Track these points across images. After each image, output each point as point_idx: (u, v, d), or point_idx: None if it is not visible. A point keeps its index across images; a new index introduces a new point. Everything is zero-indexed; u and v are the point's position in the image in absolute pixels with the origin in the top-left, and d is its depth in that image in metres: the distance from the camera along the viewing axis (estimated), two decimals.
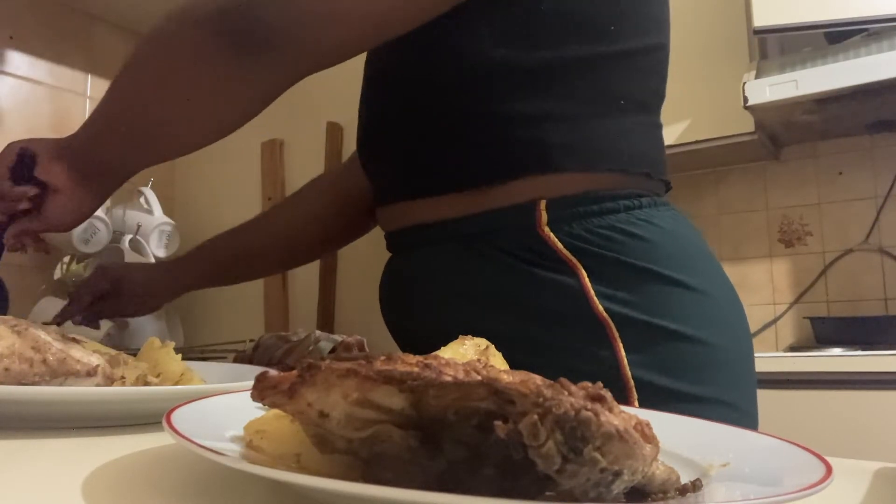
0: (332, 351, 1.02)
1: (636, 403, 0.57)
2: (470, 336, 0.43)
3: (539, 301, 0.61)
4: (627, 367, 0.57)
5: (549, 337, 0.60)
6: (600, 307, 0.58)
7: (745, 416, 0.63)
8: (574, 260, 0.60)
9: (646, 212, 0.62)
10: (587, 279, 0.59)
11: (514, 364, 0.41)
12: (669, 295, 0.60)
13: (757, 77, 1.52)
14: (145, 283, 0.94)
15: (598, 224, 0.61)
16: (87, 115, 0.68)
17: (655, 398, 0.57)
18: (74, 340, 0.50)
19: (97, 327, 0.95)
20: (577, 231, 0.60)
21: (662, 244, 0.61)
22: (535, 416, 0.23)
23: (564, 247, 0.60)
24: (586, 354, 0.58)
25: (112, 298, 0.92)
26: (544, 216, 0.61)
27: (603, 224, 0.61)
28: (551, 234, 0.61)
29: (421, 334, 0.69)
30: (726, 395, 0.61)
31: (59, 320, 0.90)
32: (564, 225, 0.61)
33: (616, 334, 0.58)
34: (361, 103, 0.76)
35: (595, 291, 0.59)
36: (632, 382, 0.57)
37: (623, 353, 0.57)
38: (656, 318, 0.58)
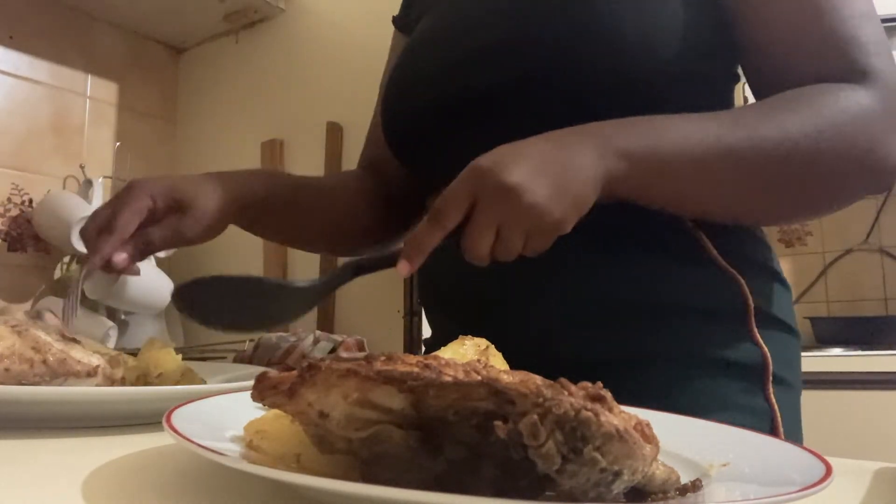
0: (332, 351, 1.02)
1: (773, 396, 0.58)
2: (470, 336, 0.43)
3: (694, 297, 0.60)
4: (770, 359, 0.59)
5: (705, 328, 0.60)
6: (751, 304, 0.60)
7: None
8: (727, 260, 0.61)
9: None
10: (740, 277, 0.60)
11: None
12: (780, 288, 0.64)
13: None
14: (211, 193, 0.67)
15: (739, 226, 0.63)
16: (86, 115, 0.61)
17: (780, 390, 0.59)
18: (75, 341, 0.50)
19: (137, 273, 0.66)
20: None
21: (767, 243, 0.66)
22: (535, 416, 0.23)
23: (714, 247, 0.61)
24: (737, 347, 0.59)
25: (171, 216, 0.65)
26: None
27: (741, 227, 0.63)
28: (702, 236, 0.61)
29: (544, 327, 0.63)
30: (799, 384, 0.64)
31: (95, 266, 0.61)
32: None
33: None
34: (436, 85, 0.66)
35: (750, 290, 0.60)
36: (770, 371, 0.59)
37: (765, 347, 0.59)
38: (780, 312, 0.62)
